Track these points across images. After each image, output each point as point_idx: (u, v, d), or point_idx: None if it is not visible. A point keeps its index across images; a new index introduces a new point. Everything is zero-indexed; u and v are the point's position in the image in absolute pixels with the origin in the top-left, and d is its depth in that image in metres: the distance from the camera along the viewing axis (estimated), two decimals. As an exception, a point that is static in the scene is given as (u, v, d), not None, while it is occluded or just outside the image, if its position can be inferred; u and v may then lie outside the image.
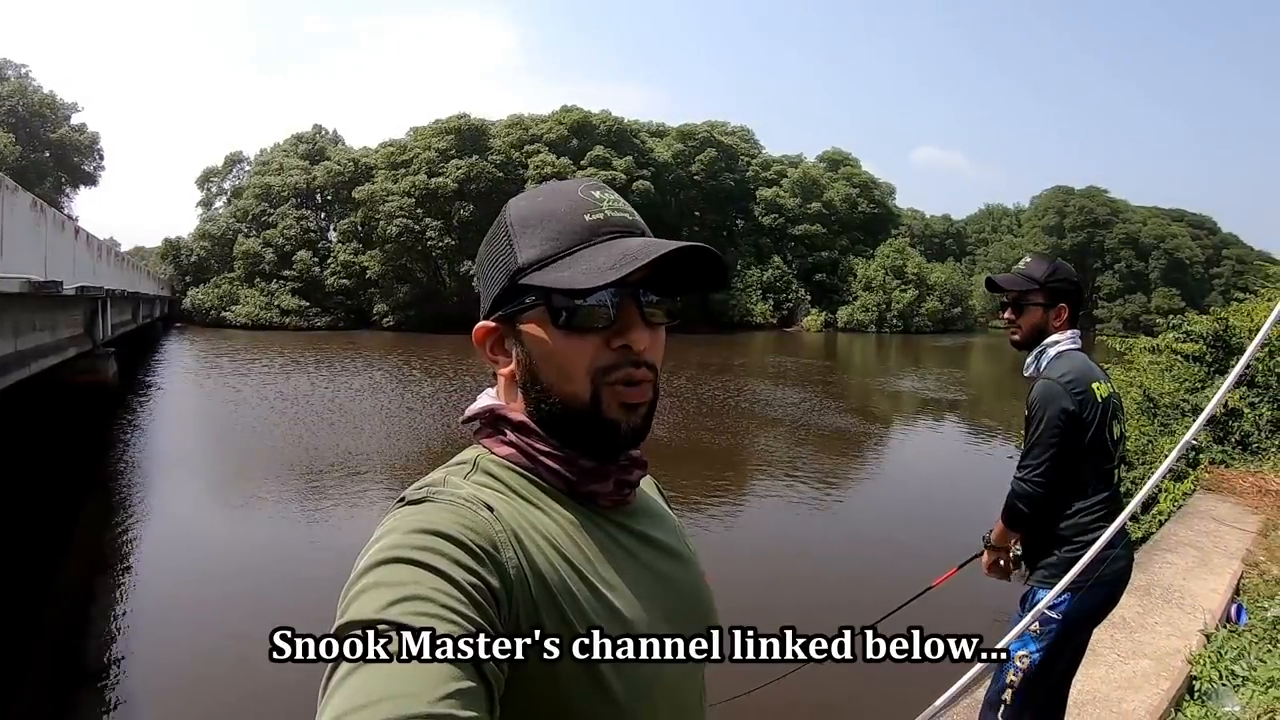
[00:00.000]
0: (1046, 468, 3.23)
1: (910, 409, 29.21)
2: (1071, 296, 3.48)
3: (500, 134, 72.20)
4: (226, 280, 66.03)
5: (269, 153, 77.01)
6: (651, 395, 1.13)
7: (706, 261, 1.12)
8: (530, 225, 1.11)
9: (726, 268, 1.15)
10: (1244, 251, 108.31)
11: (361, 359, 38.81)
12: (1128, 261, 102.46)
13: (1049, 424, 3.22)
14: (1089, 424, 3.26)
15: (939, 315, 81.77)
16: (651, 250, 1.04)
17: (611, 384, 1.09)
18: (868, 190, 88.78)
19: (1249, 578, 6.56)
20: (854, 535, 12.88)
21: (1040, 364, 3.43)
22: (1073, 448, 3.24)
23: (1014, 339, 3.55)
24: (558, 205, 1.12)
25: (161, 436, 19.67)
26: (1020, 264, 3.58)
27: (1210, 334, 11.77)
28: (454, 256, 66.33)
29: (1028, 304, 3.46)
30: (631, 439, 1.13)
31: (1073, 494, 3.29)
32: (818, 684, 7.10)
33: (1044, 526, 3.34)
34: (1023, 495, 3.28)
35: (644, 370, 1.10)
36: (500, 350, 1.16)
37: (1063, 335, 3.44)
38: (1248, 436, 10.55)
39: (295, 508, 13.58)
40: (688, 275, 1.14)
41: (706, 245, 1.08)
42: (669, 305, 1.15)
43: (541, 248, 1.09)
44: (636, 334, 1.08)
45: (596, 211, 1.11)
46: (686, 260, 1.09)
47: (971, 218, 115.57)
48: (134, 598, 9.68)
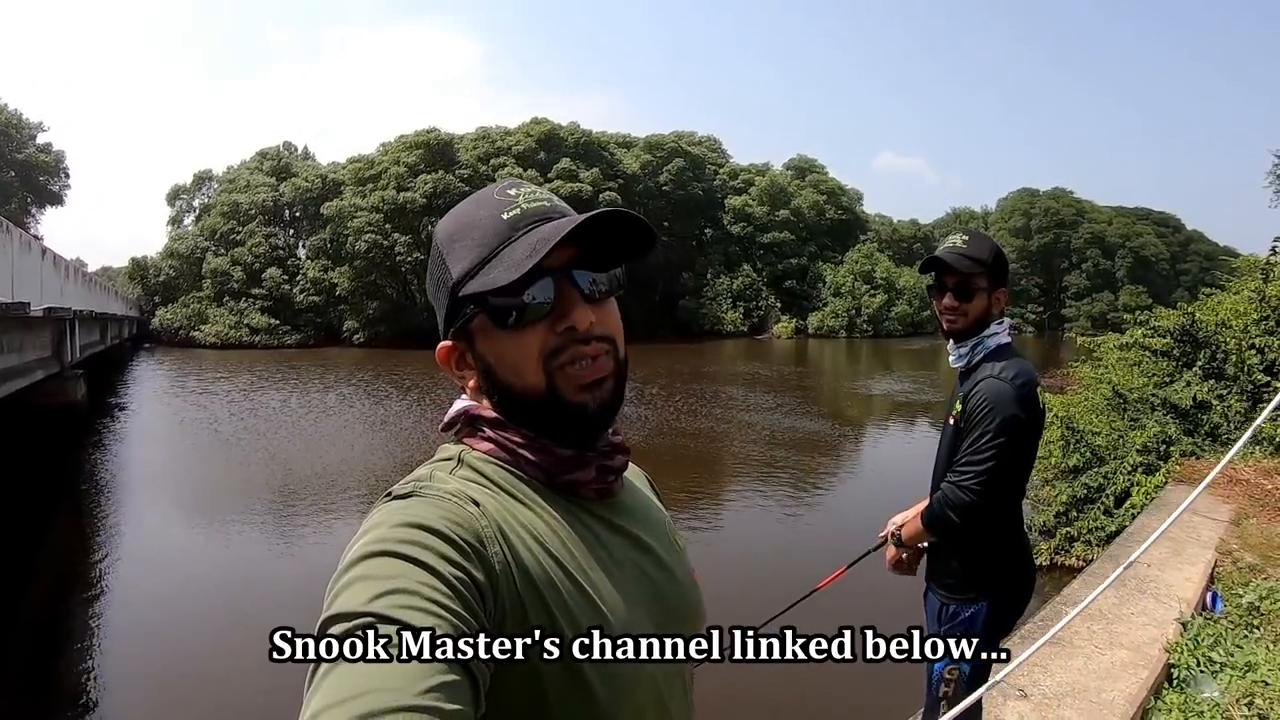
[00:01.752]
0: (988, 477, 2.92)
1: (883, 411, 29.29)
2: (1006, 279, 3.17)
3: (467, 147, 72.19)
4: (195, 299, 65.79)
5: (236, 170, 76.69)
6: (613, 366, 1.14)
7: (630, 226, 1.13)
8: (456, 239, 1.14)
9: (650, 227, 1.15)
10: (1209, 248, 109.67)
11: (332, 376, 38.57)
12: (1094, 261, 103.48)
13: (997, 431, 2.92)
14: (1032, 431, 3.06)
15: (909, 319, 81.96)
16: (562, 228, 1.05)
17: (563, 367, 1.10)
18: (835, 197, 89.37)
19: (1223, 566, 6.63)
20: (827, 535, 12.92)
21: (975, 356, 3.13)
22: (1016, 457, 3.00)
23: (955, 327, 3.17)
24: (476, 213, 1.15)
25: (132, 458, 19.43)
26: (955, 241, 3.18)
27: (1178, 329, 11.83)
28: (423, 272, 65.81)
29: (975, 289, 3.10)
30: (602, 415, 1.14)
31: (1002, 503, 3.05)
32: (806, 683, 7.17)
33: (964, 535, 3.06)
34: (958, 504, 2.96)
35: (595, 345, 1.11)
36: (464, 365, 1.18)
37: (998, 325, 3.14)
38: (1217, 428, 10.64)
39: (268, 525, 13.45)
40: (617, 244, 1.15)
41: (619, 207, 1.10)
42: (610, 278, 1.15)
43: (469, 257, 1.11)
44: (578, 313, 1.09)
45: (512, 208, 1.13)
46: (612, 229, 1.11)
47: (939, 221, 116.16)
48: (107, 617, 9.57)
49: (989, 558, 3.12)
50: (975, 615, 3.08)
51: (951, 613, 3.13)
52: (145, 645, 8.85)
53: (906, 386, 36.09)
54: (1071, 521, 9.90)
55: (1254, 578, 6.19)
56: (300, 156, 79.12)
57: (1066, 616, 3.11)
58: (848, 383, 39.48)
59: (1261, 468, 9.25)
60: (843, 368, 50.24)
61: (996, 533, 3.12)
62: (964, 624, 3.10)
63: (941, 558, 3.22)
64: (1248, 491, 8.55)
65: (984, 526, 3.04)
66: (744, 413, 26.01)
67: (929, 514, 3.11)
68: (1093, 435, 10.71)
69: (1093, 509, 9.84)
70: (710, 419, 24.32)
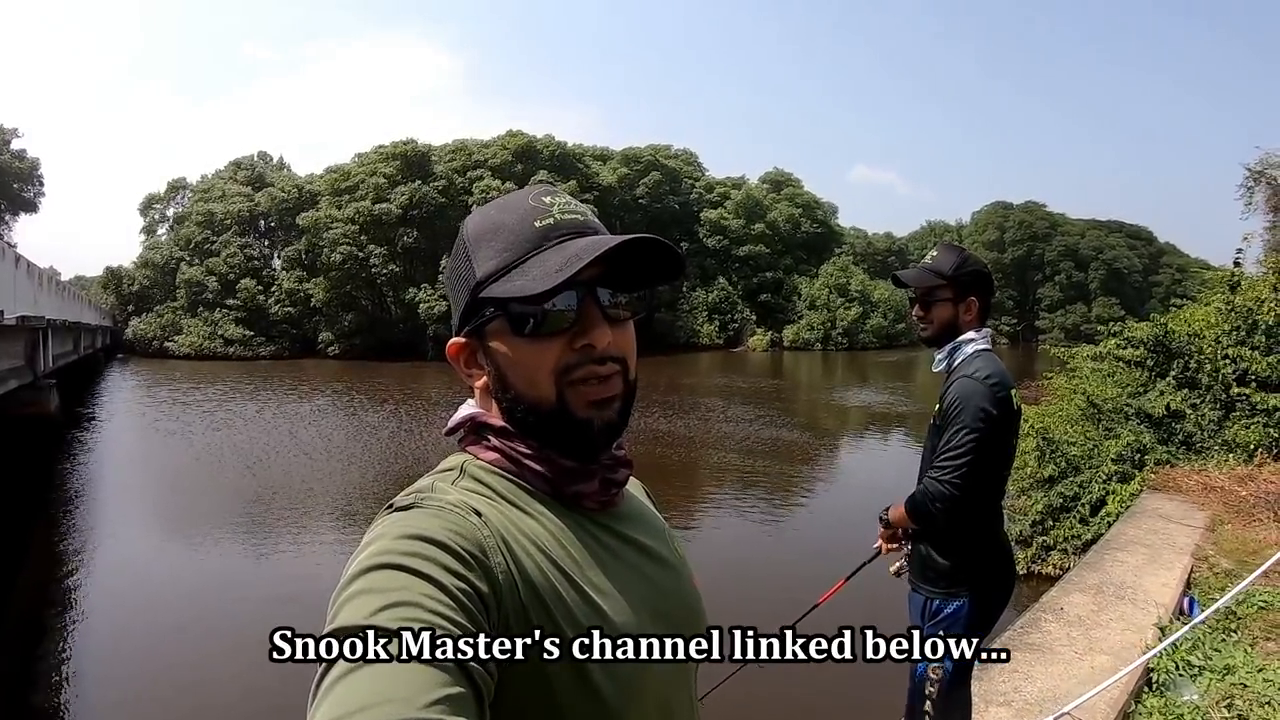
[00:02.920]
0: (965, 469, 3.06)
1: (860, 422, 29.48)
2: (981, 288, 3.33)
3: (444, 159, 72.11)
4: (169, 309, 65.37)
5: (210, 179, 76.20)
6: (622, 388, 1.13)
7: (661, 253, 1.13)
8: (484, 239, 1.13)
9: (682, 257, 1.16)
10: (1182, 260, 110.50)
11: (307, 387, 38.55)
12: (1068, 273, 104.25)
13: (970, 425, 3.07)
14: (1005, 429, 3.18)
15: (884, 331, 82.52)
16: (598, 246, 1.05)
17: (575, 383, 1.09)
18: (810, 210, 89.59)
19: (1199, 571, 6.73)
20: (813, 544, 12.95)
21: (954, 360, 3.30)
22: (991, 451, 3.12)
23: (924, 335, 3.39)
24: (508, 216, 1.14)
25: (105, 469, 19.34)
26: (927, 256, 3.40)
27: (1151, 339, 12.00)
28: (399, 284, 66.14)
29: (936, 299, 3.30)
30: (607, 434, 1.13)
31: (977, 498, 3.16)
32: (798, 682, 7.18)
33: (944, 530, 3.23)
34: (937, 495, 3.10)
35: (609, 365, 1.11)
36: (474, 364, 1.17)
37: (976, 333, 3.29)
38: (1191, 436, 10.80)
39: (242, 536, 13.39)
40: (645, 268, 1.15)
41: (656, 235, 1.10)
42: (631, 300, 1.15)
43: (496, 260, 1.11)
44: (597, 332, 1.09)
45: (546, 217, 1.12)
46: (642, 253, 1.11)
47: (914, 234, 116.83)
48: (81, 627, 9.54)
49: (971, 554, 3.23)
50: (959, 610, 3.18)
51: (935, 608, 3.22)
52: (119, 654, 8.84)
53: (883, 398, 36.46)
54: (1047, 530, 9.99)
55: (1230, 582, 6.25)
56: (275, 166, 78.75)
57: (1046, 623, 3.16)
58: (824, 394, 39.70)
59: (1236, 474, 9.37)
60: (818, 380, 50.45)
61: (978, 529, 3.24)
62: (948, 619, 3.19)
63: (925, 555, 3.32)
64: (1222, 498, 8.67)
65: (965, 522, 3.17)
66: (722, 424, 26.18)
67: (911, 502, 3.26)
68: (1068, 445, 10.80)
69: (1068, 518, 9.92)
70: (689, 429, 24.38)
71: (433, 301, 65.14)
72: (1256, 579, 4.66)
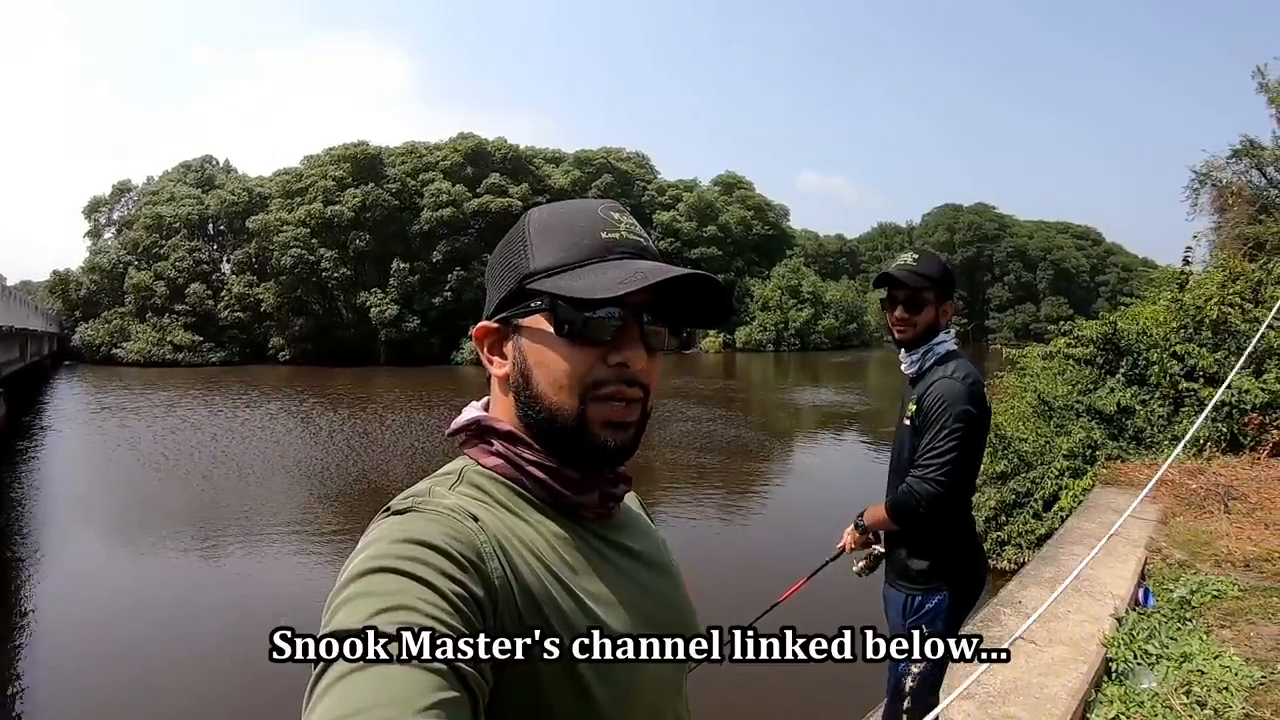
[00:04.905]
0: (951, 468, 3.14)
1: (812, 422, 29.72)
2: (952, 293, 3.42)
3: (395, 162, 71.68)
4: (118, 315, 64.38)
5: (158, 181, 75.14)
6: (640, 415, 1.14)
7: (710, 293, 1.13)
8: (548, 233, 1.12)
9: (731, 302, 1.17)
10: (1128, 259, 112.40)
11: (256, 393, 38.14)
12: (1016, 273, 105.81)
13: (955, 425, 3.15)
14: (984, 426, 3.28)
15: (835, 332, 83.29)
16: (662, 271, 1.05)
17: (600, 399, 1.09)
18: (762, 213, 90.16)
19: (1153, 563, 6.84)
20: (771, 542, 13.02)
21: (926, 362, 3.36)
22: (972, 449, 3.21)
23: (905, 337, 3.40)
24: (577, 219, 1.14)
25: (55, 479, 18.97)
26: (906, 260, 3.41)
27: (1100, 337, 12.21)
28: (350, 288, 65.70)
29: (923, 302, 3.34)
30: (616, 456, 1.13)
31: (960, 495, 3.28)
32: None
33: (922, 528, 3.30)
34: (924, 495, 3.15)
35: (635, 389, 1.11)
36: (498, 352, 1.16)
37: (946, 335, 3.38)
38: (1141, 432, 11.00)
39: (196, 545, 13.21)
40: (691, 305, 1.15)
41: (714, 276, 1.10)
42: (669, 332, 1.15)
43: (555, 256, 1.10)
44: (634, 353, 1.09)
45: (613, 230, 1.12)
46: (692, 289, 1.10)
47: (864, 236, 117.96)
48: (33, 642, 9.38)
49: (948, 549, 3.30)
50: (940, 604, 3.25)
51: (917, 604, 3.29)
52: (74, 667, 8.65)
53: (836, 398, 36.70)
54: (1002, 526, 10.12)
55: (1183, 573, 6.40)
56: (223, 169, 77.76)
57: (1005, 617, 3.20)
58: (778, 395, 39.96)
59: (1186, 469, 9.53)
60: (771, 381, 50.75)
61: (953, 525, 3.32)
62: (930, 613, 3.26)
63: (902, 554, 3.38)
64: (1174, 491, 8.82)
65: (942, 519, 3.24)
66: (680, 423, 26.23)
67: (893, 502, 3.30)
68: (1019, 441, 10.94)
69: (1022, 513, 10.08)
70: (647, 431, 24.20)
71: (384, 305, 64.83)
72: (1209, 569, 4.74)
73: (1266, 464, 9.65)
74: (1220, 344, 11.23)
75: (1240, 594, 5.85)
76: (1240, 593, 5.88)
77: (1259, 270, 12.40)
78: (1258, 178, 25.22)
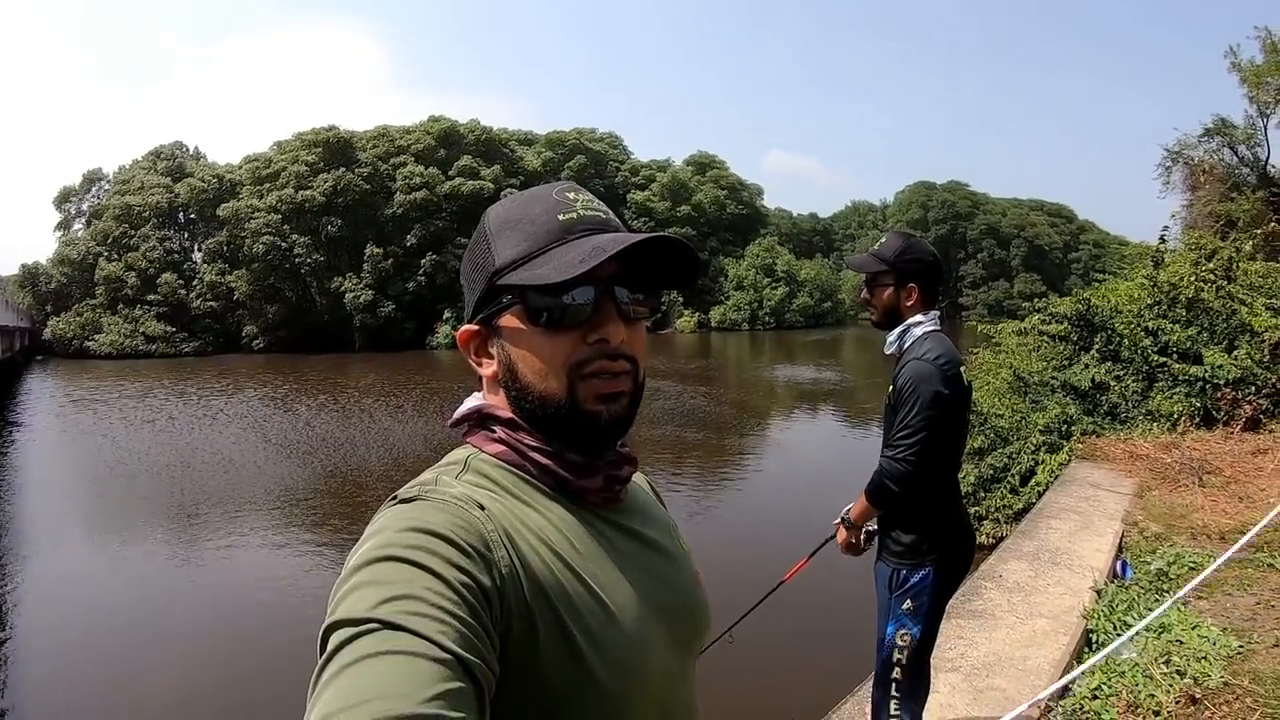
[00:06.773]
0: (918, 447, 3.19)
1: (789, 399, 29.91)
2: (923, 276, 3.41)
3: (367, 146, 71.14)
4: (89, 307, 63.50)
5: (128, 170, 74.21)
6: (631, 385, 1.14)
7: (680, 255, 1.14)
8: (506, 228, 1.13)
9: (699, 260, 1.18)
10: (1100, 236, 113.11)
11: (230, 382, 37.78)
12: (990, 250, 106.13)
13: (922, 405, 3.19)
14: (957, 405, 3.30)
15: (810, 310, 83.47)
16: (620, 242, 1.05)
17: (587, 377, 1.09)
18: (736, 192, 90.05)
19: (1130, 536, 6.95)
20: (740, 523, 13.08)
21: (904, 343, 3.40)
22: (942, 428, 3.24)
23: (870, 318, 3.53)
24: (532, 208, 1.14)
25: (29, 476, 18.76)
26: (879, 243, 3.52)
27: (1074, 314, 12.32)
28: (323, 273, 65.33)
29: (879, 284, 3.42)
30: (614, 429, 1.13)
31: (935, 473, 3.30)
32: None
33: (905, 505, 3.33)
34: (894, 474, 3.24)
35: (621, 362, 1.11)
36: (484, 352, 1.17)
37: (925, 315, 3.39)
38: (1116, 407, 11.12)
39: (174, 540, 13.11)
40: (662, 269, 1.16)
41: (678, 236, 1.11)
42: (647, 299, 1.16)
43: (517, 248, 1.11)
44: (612, 327, 1.09)
45: (570, 211, 1.13)
46: (661, 254, 1.12)
47: (838, 215, 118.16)
48: (11, 642, 9.28)
49: (933, 525, 3.34)
50: (925, 579, 3.30)
51: (903, 578, 3.33)
52: (53, 667, 8.56)
53: (812, 374, 36.85)
54: (980, 501, 10.19)
55: (1160, 545, 6.51)
56: (193, 157, 77.03)
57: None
58: (753, 372, 40.09)
59: (1160, 443, 9.67)
60: (746, 359, 50.87)
61: (938, 501, 3.37)
62: (915, 587, 3.31)
63: (889, 529, 3.42)
64: (1149, 465, 8.94)
65: (925, 495, 3.30)
66: (657, 400, 26.23)
67: (869, 487, 3.38)
68: (995, 417, 11.03)
69: (999, 488, 10.15)
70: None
71: (358, 291, 64.52)
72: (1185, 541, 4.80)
73: (1239, 438, 9.78)
74: (1193, 320, 11.37)
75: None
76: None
77: (1229, 247, 12.54)
78: (1229, 156, 25.51)
